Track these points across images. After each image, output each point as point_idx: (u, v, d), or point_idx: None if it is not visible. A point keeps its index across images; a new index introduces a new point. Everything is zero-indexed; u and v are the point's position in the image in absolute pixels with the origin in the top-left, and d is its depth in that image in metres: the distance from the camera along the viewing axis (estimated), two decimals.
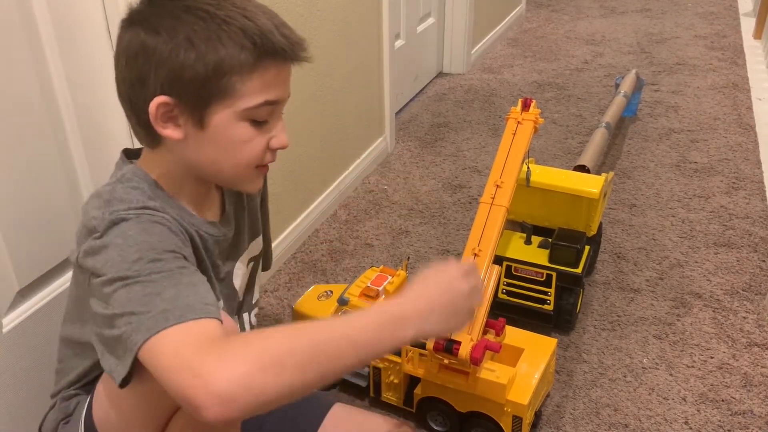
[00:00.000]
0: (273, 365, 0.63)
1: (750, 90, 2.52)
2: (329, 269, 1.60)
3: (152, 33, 0.75)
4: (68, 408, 0.89)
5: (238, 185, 0.86)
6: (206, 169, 0.83)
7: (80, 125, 1.09)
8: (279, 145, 0.82)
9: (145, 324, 0.68)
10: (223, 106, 0.77)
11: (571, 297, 1.35)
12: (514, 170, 1.21)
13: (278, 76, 0.79)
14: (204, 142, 0.79)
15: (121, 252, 0.72)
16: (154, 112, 0.76)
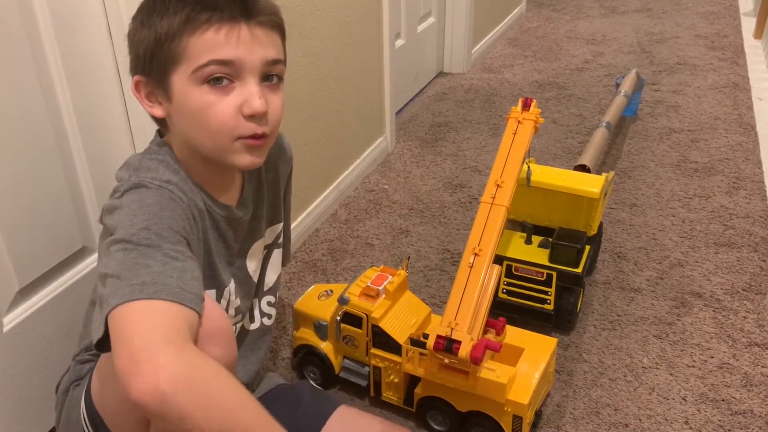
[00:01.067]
0: (200, 400, 0.64)
1: (750, 90, 2.52)
2: (329, 269, 1.60)
3: (133, 19, 0.83)
4: (81, 371, 0.91)
5: (224, 158, 0.84)
6: (191, 144, 0.84)
7: (80, 124, 1.09)
8: (250, 110, 0.80)
9: (122, 290, 0.69)
10: (178, 73, 0.79)
11: (571, 296, 1.35)
12: (514, 170, 1.21)
13: (223, 33, 0.78)
14: (177, 115, 0.82)
15: (133, 216, 0.75)
16: (135, 93, 0.83)
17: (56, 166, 1.07)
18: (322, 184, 1.80)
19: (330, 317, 1.20)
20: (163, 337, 0.66)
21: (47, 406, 1.12)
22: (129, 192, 0.78)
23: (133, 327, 0.67)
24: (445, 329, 1.04)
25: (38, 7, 0.99)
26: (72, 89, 1.06)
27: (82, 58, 1.07)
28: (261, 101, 0.80)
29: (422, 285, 1.54)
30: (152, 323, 0.67)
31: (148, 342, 0.65)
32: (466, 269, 1.10)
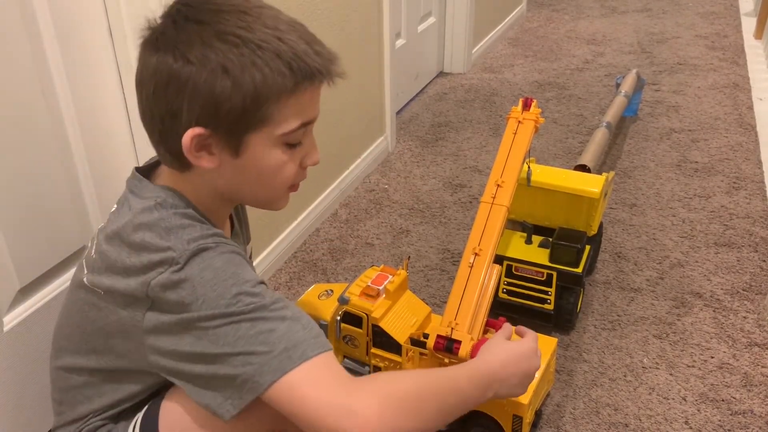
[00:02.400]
0: (411, 410, 0.70)
1: (751, 90, 2.52)
2: (330, 268, 1.61)
3: (183, 61, 0.70)
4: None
5: (269, 206, 0.84)
6: (240, 194, 0.81)
7: (81, 124, 1.09)
8: (312, 162, 0.81)
9: (269, 364, 0.68)
10: (259, 133, 0.74)
11: (571, 296, 1.35)
12: (514, 170, 1.21)
13: (313, 96, 0.76)
14: (239, 169, 0.77)
15: (215, 287, 0.70)
16: (189, 143, 0.73)
17: (57, 166, 1.07)
18: (323, 184, 1.80)
19: (330, 317, 1.20)
20: (341, 391, 0.68)
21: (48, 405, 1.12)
22: (191, 261, 0.71)
23: (309, 395, 0.68)
24: (445, 329, 1.04)
25: (38, 7, 0.99)
26: (72, 89, 1.06)
27: (82, 59, 1.07)
28: (318, 152, 0.81)
29: (422, 285, 1.54)
30: (324, 385, 0.68)
31: (337, 405, 0.67)
32: (467, 269, 1.10)
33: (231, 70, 0.70)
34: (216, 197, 0.81)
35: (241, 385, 0.69)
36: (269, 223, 1.58)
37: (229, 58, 0.70)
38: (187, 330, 0.71)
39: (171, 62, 0.71)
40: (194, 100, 0.71)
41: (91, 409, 0.84)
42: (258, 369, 0.68)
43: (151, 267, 0.72)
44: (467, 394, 0.79)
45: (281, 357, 0.68)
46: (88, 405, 0.84)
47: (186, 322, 0.71)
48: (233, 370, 0.69)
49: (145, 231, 0.74)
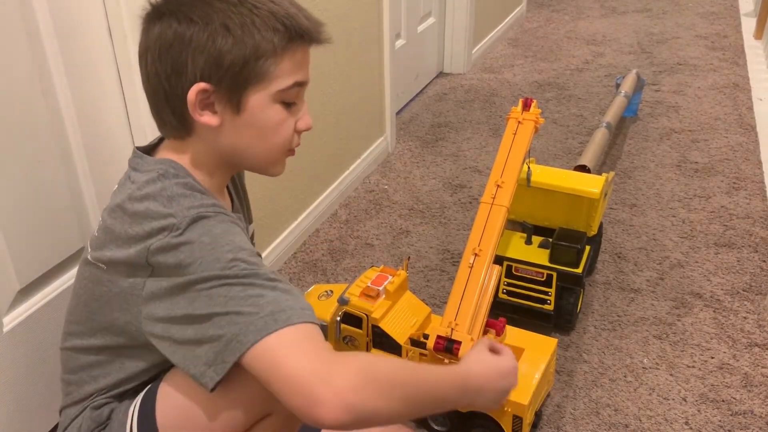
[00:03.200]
0: (385, 392, 0.70)
1: (751, 90, 2.52)
2: (329, 269, 1.60)
3: (186, 22, 0.76)
4: (101, 416, 0.85)
5: (267, 169, 0.87)
6: (240, 155, 0.84)
7: (80, 124, 1.09)
8: (305, 126, 0.85)
9: (254, 324, 0.69)
10: (258, 89, 0.79)
11: (571, 297, 1.35)
12: (514, 170, 1.21)
13: (303, 57, 0.82)
14: (240, 127, 0.80)
15: (213, 251, 0.73)
16: (194, 99, 0.77)
17: (56, 166, 1.07)
18: (322, 185, 1.80)
19: (330, 317, 1.20)
20: (320, 358, 0.68)
21: (47, 405, 1.12)
22: (191, 227, 0.74)
23: (288, 360, 0.68)
24: (445, 329, 1.04)
25: (38, 7, 0.99)
26: (72, 89, 1.06)
27: (82, 58, 1.07)
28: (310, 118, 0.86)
29: (422, 285, 1.54)
30: (303, 350, 0.69)
31: (313, 371, 0.67)
32: (466, 269, 1.10)
33: (232, 27, 0.76)
34: (217, 162, 0.84)
35: (225, 345, 0.70)
36: (269, 224, 1.58)
37: (229, 16, 0.76)
38: (183, 292, 0.73)
39: (175, 24, 0.76)
40: (198, 56, 0.76)
41: (96, 389, 0.86)
42: (243, 328, 0.69)
43: (153, 234, 0.74)
44: (443, 395, 0.79)
45: (266, 319, 0.69)
46: (94, 384, 0.86)
47: (182, 285, 0.73)
48: (220, 330, 0.70)
49: (150, 201, 0.77)
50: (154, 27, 0.78)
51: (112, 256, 0.78)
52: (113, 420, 0.84)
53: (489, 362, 0.89)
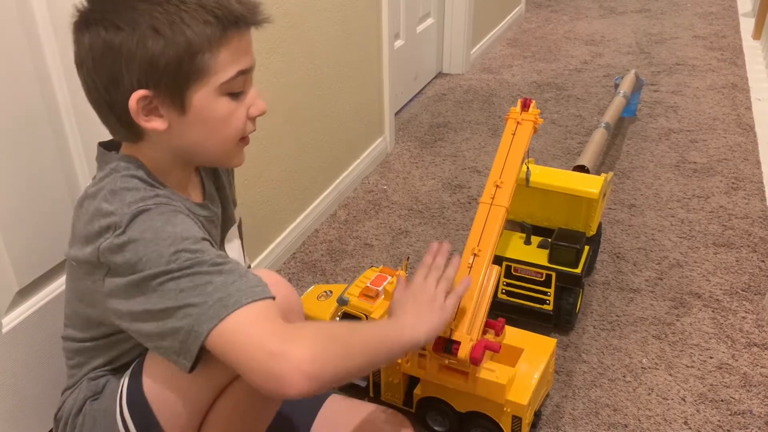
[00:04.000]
0: (339, 351, 0.74)
1: (749, 90, 2.53)
2: (329, 269, 1.60)
3: (113, 29, 0.74)
4: (97, 386, 0.89)
5: (225, 162, 0.88)
6: (193, 152, 0.84)
7: (79, 125, 1.09)
8: (258, 111, 0.83)
9: (206, 314, 0.72)
10: (200, 86, 0.77)
11: (570, 297, 1.35)
12: (513, 170, 1.21)
13: (242, 43, 0.79)
14: (188, 126, 0.79)
15: (156, 247, 0.74)
16: (135, 107, 0.76)
17: (55, 167, 1.07)
18: (322, 185, 1.80)
19: (329, 318, 1.20)
20: (274, 335, 0.71)
21: (47, 406, 1.12)
22: (132, 224, 0.75)
23: (243, 341, 0.71)
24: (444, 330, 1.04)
25: (37, 8, 0.99)
26: (71, 90, 1.06)
27: None
28: (263, 101, 0.84)
29: None
30: (257, 331, 0.71)
31: (270, 350, 0.69)
32: (466, 270, 1.10)
33: (160, 28, 0.73)
34: (173, 161, 0.84)
35: (185, 337, 0.73)
36: (268, 224, 1.58)
37: (155, 17, 0.73)
38: (138, 289, 0.74)
39: (103, 33, 0.74)
40: (131, 63, 0.74)
41: (93, 367, 0.90)
42: (196, 319, 0.72)
43: (100, 233, 0.76)
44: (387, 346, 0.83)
45: (216, 306, 0.72)
46: (90, 364, 0.90)
47: (135, 283, 0.74)
48: (177, 323, 0.73)
49: (99, 198, 0.78)
50: (84, 36, 0.76)
51: (75, 255, 0.80)
52: (106, 389, 0.88)
53: (412, 305, 0.92)
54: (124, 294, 0.75)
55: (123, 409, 0.84)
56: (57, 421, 0.94)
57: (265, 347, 0.70)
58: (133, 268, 0.74)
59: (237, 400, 0.86)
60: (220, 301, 0.72)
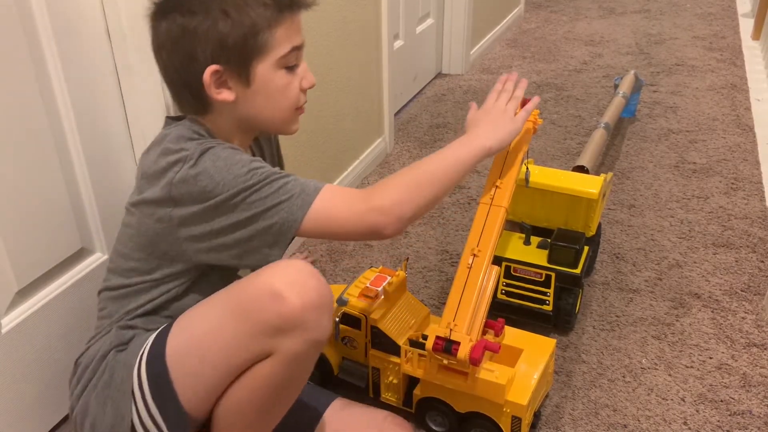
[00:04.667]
0: (419, 192, 0.91)
1: (749, 91, 2.53)
2: (328, 270, 1.60)
3: (189, 14, 0.86)
4: (124, 337, 0.93)
5: (283, 129, 0.99)
6: (257, 120, 0.95)
7: (79, 125, 1.09)
8: (309, 84, 0.97)
9: (296, 204, 0.86)
10: (262, 60, 0.90)
11: (570, 297, 1.35)
12: (513, 171, 1.21)
13: (295, 23, 0.92)
14: (252, 97, 0.92)
15: (229, 171, 0.85)
16: (209, 80, 0.88)
17: (55, 168, 1.07)
18: None
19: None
20: (358, 199, 0.89)
21: (46, 406, 1.12)
22: (202, 157, 0.86)
23: (338, 212, 0.88)
24: (444, 330, 1.04)
25: (37, 10, 0.99)
26: (71, 91, 1.06)
27: (80, 61, 1.07)
28: (312, 75, 0.97)
29: (421, 286, 1.54)
30: (343, 199, 0.89)
31: (360, 209, 0.88)
32: (465, 270, 1.10)
33: (229, 11, 0.86)
34: (235, 130, 0.95)
35: (279, 230, 0.87)
36: None
37: (224, 1, 0.87)
38: (217, 211, 0.86)
39: (179, 19, 0.87)
40: (205, 42, 0.87)
41: (128, 310, 0.95)
42: (288, 211, 0.86)
43: (169, 167, 0.87)
44: (465, 163, 0.98)
45: (302, 195, 0.87)
46: (127, 307, 0.95)
47: (214, 207, 0.85)
48: (270, 221, 0.86)
49: (161, 143, 0.90)
50: (161, 24, 0.88)
51: (142, 197, 0.90)
52: (131, 344, 0.92)
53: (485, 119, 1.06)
54: (201, 219, 0.86)
55: (141, 367, 0.88)
56: (77, 366, 0.97)
57: (355, 208, 0.88)
58: (211, 194, 0.85)
59: (252, 388, 0.88)
60: (302, 192, 0.87)
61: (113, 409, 0.90)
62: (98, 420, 0.91)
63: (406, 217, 0.89)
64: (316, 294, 0.84)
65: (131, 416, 0.88)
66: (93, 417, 0.92)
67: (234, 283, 0.90)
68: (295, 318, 0.82)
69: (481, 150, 1.00)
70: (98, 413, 0.91)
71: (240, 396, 0.88)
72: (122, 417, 0.89)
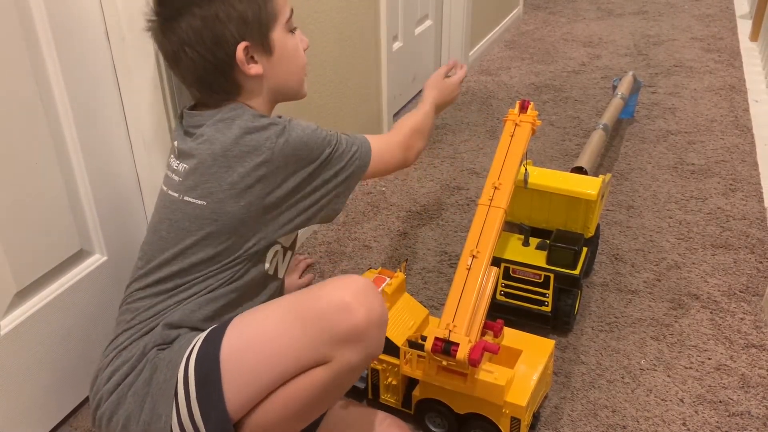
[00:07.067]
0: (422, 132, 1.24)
1: (747, 92, 2.53)
2: (327, 271, 1.60)
3: (206, 4, 0.93)
4: (169, 336, 0.93)
5: (300, 92, 1.09)
6: (282, 88, 1.05)
7: (78, 126, 1.09)
8: (305, 44, 1.07)
9: (363, 150, 1.08)
10: (275, 27, 0.99)
11: (569, 298, 1.35)
12: (511, 172, 1.22)
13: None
14: (276, 65, 1.01)
15: (316, 136, 0.99)
16: (242, 56, 0.96)
17: (54, 169, 1.07)
18: None
19: None
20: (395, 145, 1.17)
21: (45, 408, 1.12)
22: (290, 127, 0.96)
23: (387, 154, 1.14)
24: (443, 331, 1.04)
25: (36, 11, 0.99)
26: (70, 92, 1.06)
27: (79, 62, 1.07)
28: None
29: (420, 287, 1.54)
30: (386, 142, 1.15)
31: (397, 153, 1.17)
32: (464, 271, 1.10)
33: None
34: (264, 106, 1.03)
35: (354, 176, 1.06)
36: None
37: None
38: (313, 174, 1.00)
39: (198, 11, 0.93)
40: (229, 23, 0.94)
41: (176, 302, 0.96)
42: (360, 159, 1.07)
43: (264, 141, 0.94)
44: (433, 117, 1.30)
45: (362, 146, 1.08)
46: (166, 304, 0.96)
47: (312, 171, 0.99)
48: (348, 171, 1.05)
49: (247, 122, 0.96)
50: (179, 24, 0.94)
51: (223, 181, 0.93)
52: (176, 343, 0.92)
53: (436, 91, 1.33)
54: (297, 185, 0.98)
55: (189, 366, 0.88)
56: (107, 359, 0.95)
57: (397, 150, 1.17)
58: (307, 159, 0.98)
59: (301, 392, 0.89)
60: (362, 142, 1.08)
61: (151, 406, 0.89)
62: (133, 416, 0.90)
63: (417, 153, 1.22)
64: (380, 311, 0.89)
65: (171, 415, 0.88)
66: (127, 413, 0.91)
67: (297, 291, 0.93)
68: (361, 331, 0.86)
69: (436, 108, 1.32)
70: (134, 410, 0.90)
71: (286, 399, 0.89)
72: (159, 416, 0.88)
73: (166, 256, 0.96)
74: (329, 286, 0.89)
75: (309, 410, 0.93)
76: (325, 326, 0.86)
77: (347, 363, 0.87)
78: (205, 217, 0.95)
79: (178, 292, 0.95)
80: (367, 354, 0.89)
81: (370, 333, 0.87)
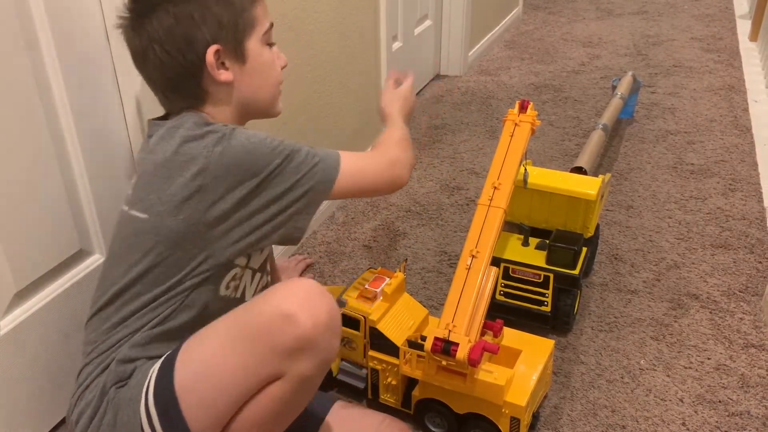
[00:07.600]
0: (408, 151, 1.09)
1: (746, 92, 2.53)
2: (327, 271, 1.60)
3: (181, 3, 0.89)
4: (124, 372, 0.90)
5: (272, 109, 1.03)
6: (252, 102, 0.98)
7: (77, 127, 1.09)
8: (284, 62, 1.02)
9: (327, 165, 0.95)
10: (251, 36, 0.94)
11: (568, 298, 1.35)
12: (511, 172, 1.22)
13: (264, 3, 0.98)
14: (248, 75, 0.95)
15: (264, 145, 0.90)
16: (212, 60, 0.91)
17: (53, 169, 1.07)
18: None
19: None
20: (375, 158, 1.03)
21: (44, 409, 1.12)
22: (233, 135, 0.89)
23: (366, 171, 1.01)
24: (442, 331, 1.04)
25: (36, 11, 0.99)
26: (69, 92, 1.06)
27: (79, 62, 1.07)
28: None
29: (420, 287, 1.54)
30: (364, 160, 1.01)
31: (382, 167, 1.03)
32: (464, 271, 1.10)
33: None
34: (231, 117, 0.97)
35: (314, 192, 0.94)
36: None
37: None
38: (258, 188, 0.89)
39: (172, 8, 0.89)
40: (202, 25, 0.90)
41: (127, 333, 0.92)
42: (322, 173, 0.94)
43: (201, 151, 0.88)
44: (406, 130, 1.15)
45: (328, 159, 0.95)
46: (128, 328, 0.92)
47: (257, 184, 0.89)
48: (306, 186, 0.93)
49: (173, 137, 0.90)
50: (150, 21, 0.89)
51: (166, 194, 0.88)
52: (133, 378, 0.89)
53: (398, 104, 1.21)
54: (241, 200, 0.88)
55: (149, 401, 0.85)
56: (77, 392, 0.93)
57: (379, 166, 1.02)
58: (250, 171, 0.88)
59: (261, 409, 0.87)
60: (326, 156, 0.95)
61: None
62: None
63: (411, 167, 1.07)
64: (327, 314, 0.84)
65: None
66: None
67: (241, 306, 0.88)
68: (308, 339, 0.83)
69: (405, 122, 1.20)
70: None
71: (248, 418, 0.87)
72: None
73: (115, 276, 0.92)
74: (271, 297, 0.85)
75: (279, 421, 0.91)
76: (271, 341, 0.83)
77: (301, 374, 0.85)
78: (146, 231, 0.90)
79: (129, 322, 0.91)
80: (320, 360, 0.85)
81: (319, 339, 0.83)
